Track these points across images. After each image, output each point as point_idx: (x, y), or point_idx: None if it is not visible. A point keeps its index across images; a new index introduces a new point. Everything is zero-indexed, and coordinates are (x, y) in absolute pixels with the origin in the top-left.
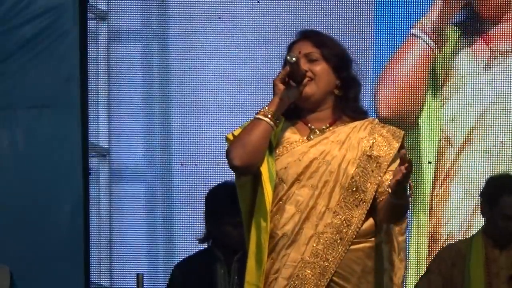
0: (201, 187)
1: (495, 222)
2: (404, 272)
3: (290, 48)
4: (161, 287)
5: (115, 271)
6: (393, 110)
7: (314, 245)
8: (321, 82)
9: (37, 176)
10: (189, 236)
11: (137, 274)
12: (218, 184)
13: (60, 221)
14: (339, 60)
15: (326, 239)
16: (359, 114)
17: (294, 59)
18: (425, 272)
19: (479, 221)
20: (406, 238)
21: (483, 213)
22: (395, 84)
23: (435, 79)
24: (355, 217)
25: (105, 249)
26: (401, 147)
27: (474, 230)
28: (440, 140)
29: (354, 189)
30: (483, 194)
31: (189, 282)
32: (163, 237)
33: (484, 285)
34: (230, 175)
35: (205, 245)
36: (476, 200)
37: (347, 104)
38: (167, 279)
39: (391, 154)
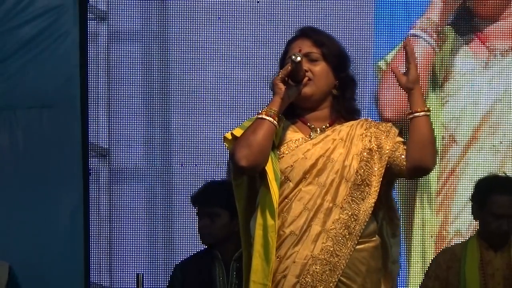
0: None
1: (487, 224)
2: (397, 273)
3: (289, 45)
4: None
5: (115, 271)
6: (395, 111)
7: (323, 241)
8: (320, 82)
9: (37, 176)
10: (188, 237)
11: (137, 275)
12: None
13: (60, 221)
14: (339, 60)
15: (334, 235)
16: (353, 114)
17: (298, 58)
18: (424, 278)
19: None
20: (399, 240)
21: (475, 216)
22: (396, 86)
23: (435, 80)
24: (362, 211)
25: (105, 250)
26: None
27: None
28: (444, 139)
29: (359, 182)
30: (472, 197)
31: (189, 281)
32: (162, 238)
33: (479, 287)
34: (229, 176)
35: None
36: None
37: (344, 104)
38: (166, 280)
39: (390, 144)
